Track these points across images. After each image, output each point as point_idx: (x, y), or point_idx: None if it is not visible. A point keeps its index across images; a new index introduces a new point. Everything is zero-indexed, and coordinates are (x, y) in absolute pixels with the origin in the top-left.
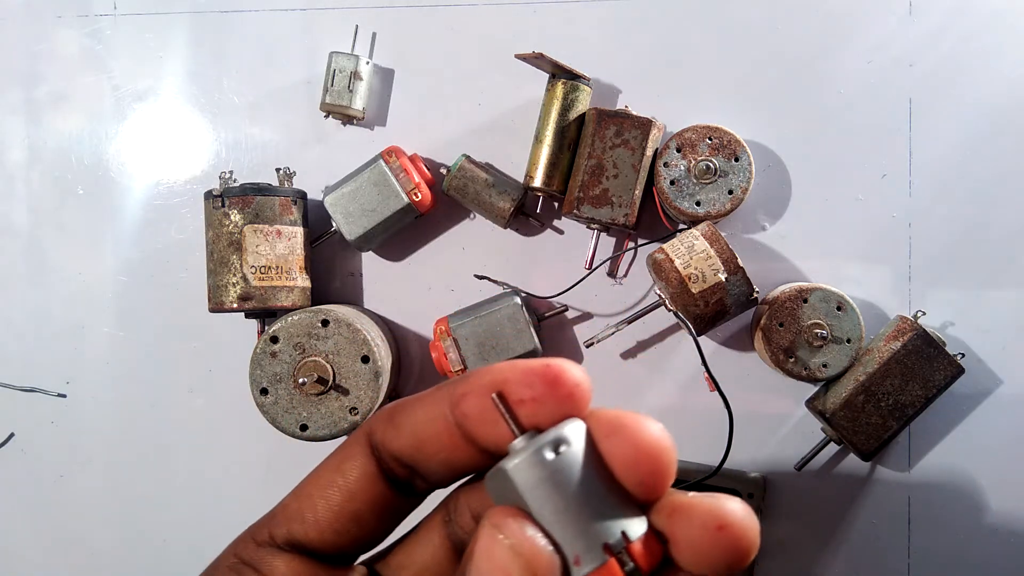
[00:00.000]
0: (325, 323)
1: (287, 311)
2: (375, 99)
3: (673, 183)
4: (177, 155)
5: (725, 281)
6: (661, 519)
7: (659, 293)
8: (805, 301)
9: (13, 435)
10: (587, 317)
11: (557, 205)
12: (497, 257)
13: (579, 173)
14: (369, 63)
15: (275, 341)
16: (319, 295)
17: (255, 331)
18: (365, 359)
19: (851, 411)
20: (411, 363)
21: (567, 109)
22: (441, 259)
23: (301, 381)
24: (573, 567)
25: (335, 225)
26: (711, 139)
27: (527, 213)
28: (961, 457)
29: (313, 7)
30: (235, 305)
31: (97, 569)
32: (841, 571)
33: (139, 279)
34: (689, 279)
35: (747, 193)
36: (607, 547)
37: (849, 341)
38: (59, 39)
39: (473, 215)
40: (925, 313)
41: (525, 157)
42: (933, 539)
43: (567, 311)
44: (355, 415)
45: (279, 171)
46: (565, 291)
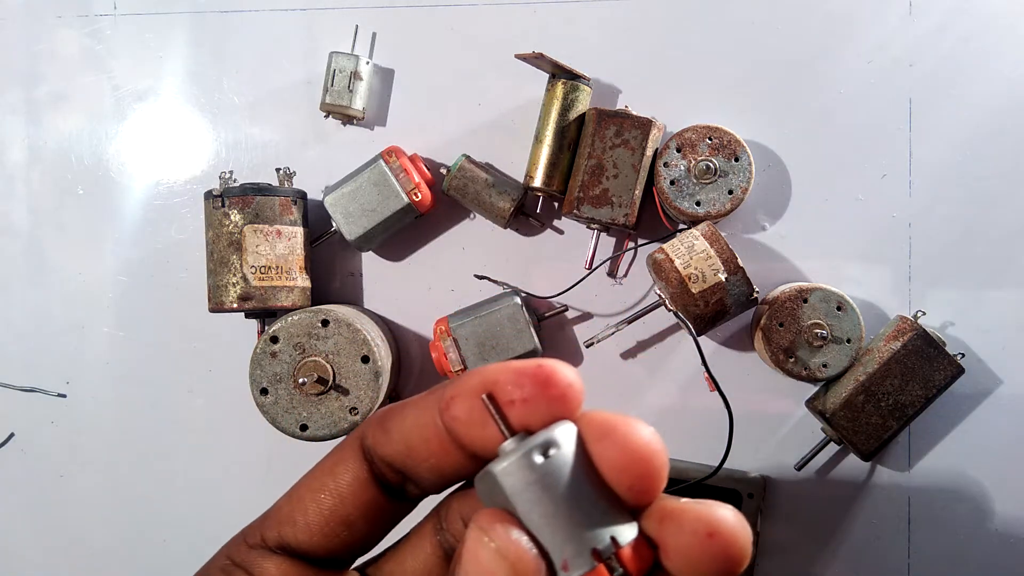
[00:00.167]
0: (325, 323)
1: (287, 311)
2: (375, 99)
3: (673, 183)
4: (177, 155)
5: (725, 281)
6: (652, 525)
7: (659, 293)
8: (805, 301)
9: (13, 435)
10: (587, 317)
11: (557, 205)
12: (497, 257)
13: (579, 173)
14: (369, 63)
15: (275, 341)
16: (319, 295)
17: (255, 331)
18: (365, 359)
19: (851, 411)
20: (411, 363)
21: (567, 109)
22: (441, 259)
23: (301, 381)
24: (561, 572)
25: (335, 225)
26: (711, 139)
27: (527, 213)
28: (961, 457)
29: (313, 7)
30: (235, 305)
31: (97, 569)
32: (841, 571)
33: (139, 279)
34: (689, 279)
35: (747, 193)
36: (596, 552)
37: (849, 341)
38: (59, 39)
39: (473, 215)
40: (925, 313)
41: (525, 157)
42: (933, 539)
43: (567, 311)
44: (355, 415)
45: (279, 171)
46: (565, 291)
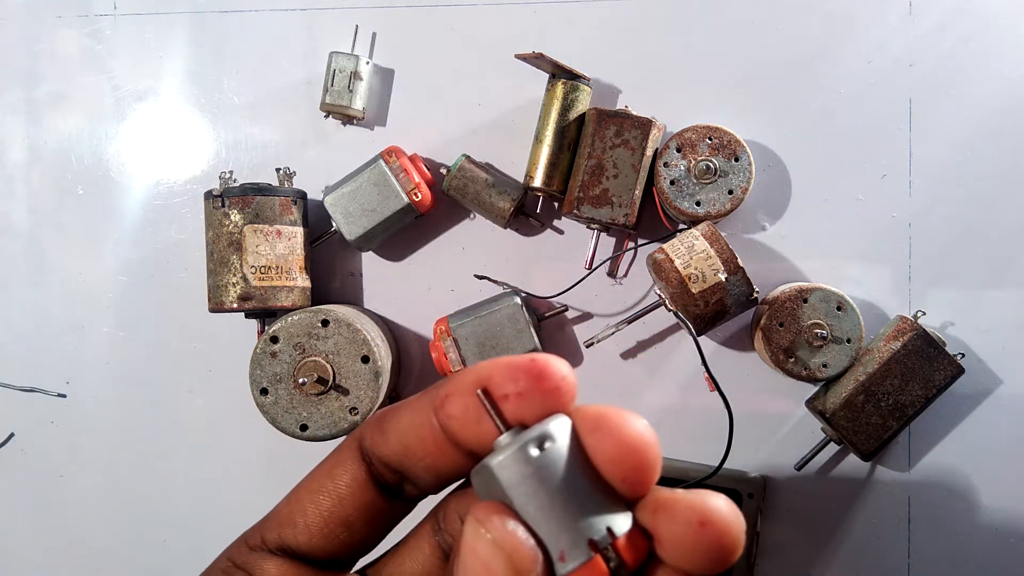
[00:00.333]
0: (325, 323)
1: (287, 311)
2: (375, 99)
3: (673, 183)
4: (177, 155)
5: (725, 281)
6: (646, 516)
7: (659, 293)
8: (805, 301)
9: (13, 435)
10: (587, 317)
11: (557, 205)
12: (497, 257)
13: (579, 173)
14: (369, 63)
15: (275, 341)
16: (319, 295)
17: (255, 331)
18: (365, 359)
19: (851, 411)
20: (411, 363)
21: (567, 109)
22: (441, 259)
23: (301, 381)
24: (558, 563)
25: (335, 225)
26: (711, 139)
27: (527, 213)
28: (961, 457)
29: (313, 7)
30: (235, 305)
31: (97, 569)
32: (841, 571)
33: (139, 279)
34: (689, 279)
35: (747, 193)
36: (592, 543)
37: (849, 341)
38: (59, 39)
39: (473, 215)
40: (925, 313)
41: (525, 157)
42: (933, 539)
43: (567, 311)
44: (355, 415)
45: (279, 171)
46: (565, 291)
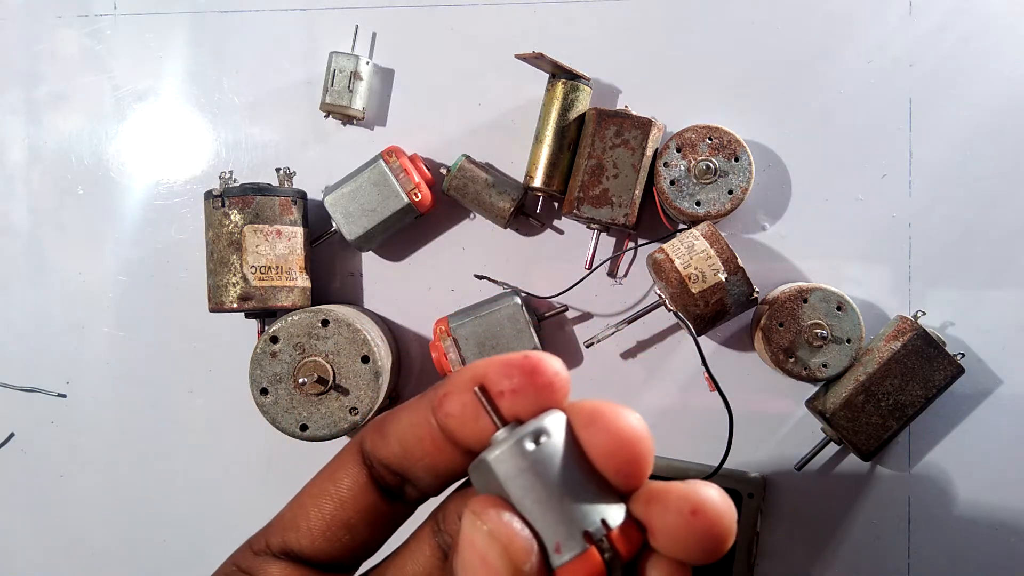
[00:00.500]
0: (325, 323)
1: (287, 311)
2: (375, 99)
3: (673, 183)
4: (177, 155)
5: (725, 281)
6: (639, 507)
7: (659, 293)
8: (805, 301)
9: (13, 435)
10: (587, 317)
11: (557, 205)
12: (497, 257)
13: (579, 173)
14: (369, 63)
15: (275, 341)
16: (319, 295)
17: (255, 331)
18: (365, 359)
19: (851, 411)
20: (411, 363)
21: (567, 109)
22: (441, 259)
23: (301, 381)
24: (554, 554)
25: (335, 225)
26: (711, 139)
27: (527, 213)
28: (961, 457)
29: (313, 7)
30: (235, 305)
31: (97, 569)
32: (841, 571)
33: (139, 279)
34: (689, 279)
35: (747, 193)
36: (587, 534)
37: (849, 341)
38: (59, 39)
39: (473, 215)
40: (925, 313)
41: (525, 157)
42: (933, 539)
43: (567, 311)
44: (355, 415)
45: (279, 171)
46: (565, 291)
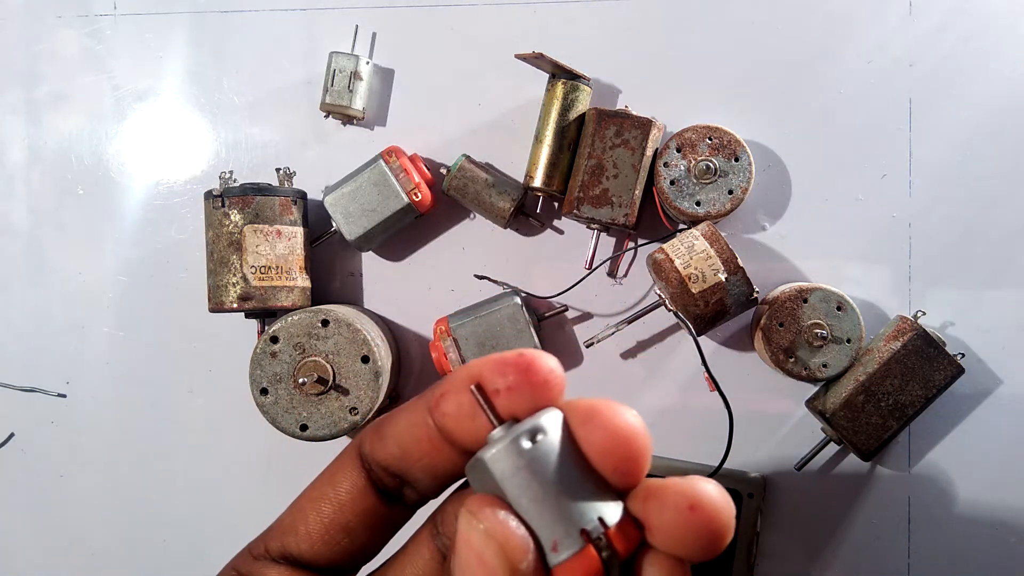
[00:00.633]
0: (325, 323)
1: (287, 311)
2: (375, 99)
3: (673, 183)
4: (177, 155)
5: (725, 281)
6: (637, 505)
7: (659, 293)
8: (805, 301)
9: (13, 435)
10: (587, 317)
11: (557, 205)
12: (497, 257)
13: (579, 173)
14: (369, 63)
15: (275, 341)
16: (319, 295)
17: (255, 331)
18: (365, 359)
19: (851, 411)
20: (411, 363)
21: (567, 109)
22: (441, 259)
23: (301, 381)
24: (551, 553)
25: (335, 225)
26: (711, 139)
27: (527, 213)
28: (961, 457)
29: (313, 7)
30: (235, 305)
31: (97, 569)
32: (841, 571)
33: (139, 279)
34: (689, 279)
35: (747, 193)
36: (584, 532)
37: (849, 341)
38: (59, 39)
39: (473, 215)
40: (925, 313)
41: (525, 157)
42: (933, 539)
43: (567, 311)
44: (355, 415)
45: (279, 171)
46: (565, 291)
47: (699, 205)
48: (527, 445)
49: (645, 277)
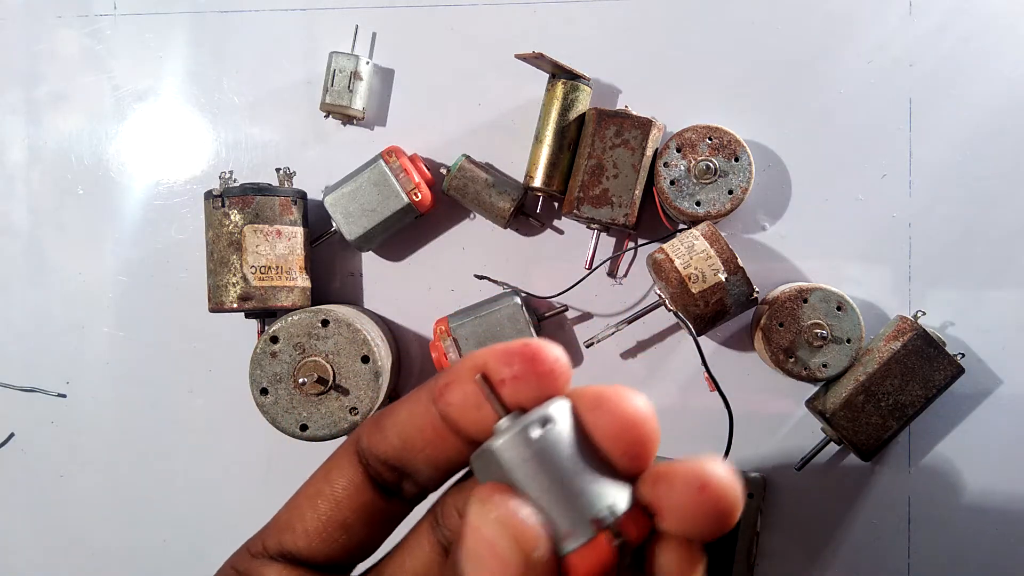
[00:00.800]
0: (325, 323)
1: (287, 311)
2: (375, 99)
3: (673, 183)
4: (177, 155)
5: (725, 281)
6: (647, 489)
7: (659, 293)
8: (805, 301)
9: (13, 435)
10: (587, 317)
11: (557, 205)
12: (497, 257)
13: (579, 173)
14: (369, 63)
15: (275, 341)
16: (319, 295)
17: (255, 331)
18: (365, 359)
19: (851, 411)
20: (411, 363)
21: (567, 109)
22: (441, 259)
23: (301, 381)
24: (562, 542)
25: (335, 225)
26: (711, 139)
27: (527, 213)
28: (961, 457)
29: (313, 7)
30: (235, 305)
31: (97, 569)
32: (841, 571)
33: (139, 279)
34: (689, 279)
35: (747, 193)
36: (596, 521)
37: (849, 341)
38: (59, 39)
39: (473, 215)
40: (925, 313)
41: (525, 157)
42: (933, 539)
43: (567, 311)
44: (355, 415)
45: (279, 171)
46: (565, 291)
47: (699, 205)
48: (536, 434)
49: (645, 277)
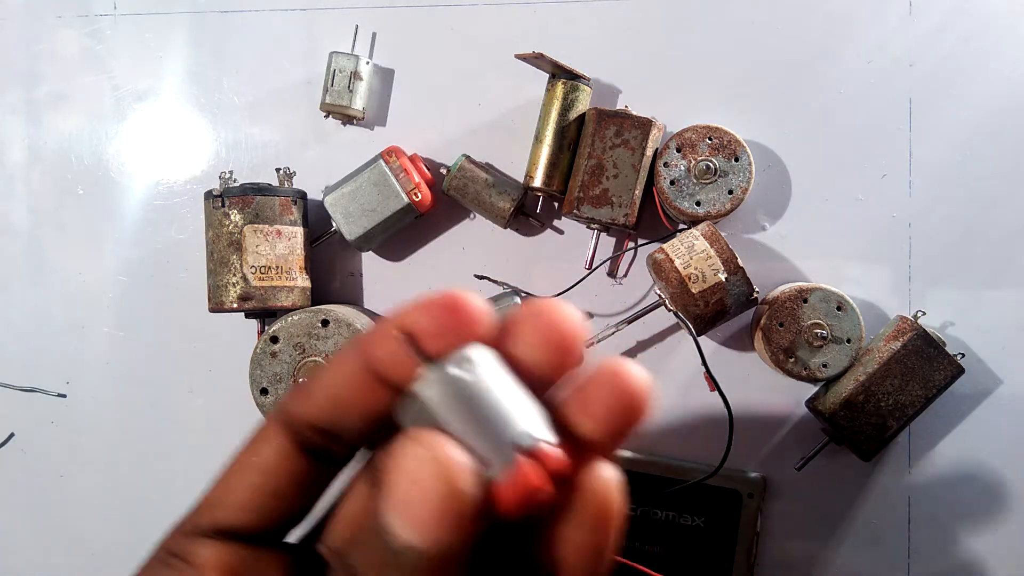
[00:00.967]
0: (325, 323)
1: (287, 311)
2: (375, 99)
3: (673, 183)
4: (177, 155)
5: (725, 281)
6: (572, 406)
7: (659, 293)
8: (805, 301)
9: (13, 435)
10: (587, 317)
11: (557, 205)
12: (497, 257)
13: (579, 173)
14: (369, 63)
15: (275, 341)
16: (319, 295)
17: (255, 331)
18: None
19: (851, 411)
20: None
21: (567, 109)
22: (441, 259)
23: (301, 381)
24: (488, 471)
25: (335, 225)
26: (711, 139)
27: (527, 213)
28: (961, 457)
29: (313, 7)
30: (235, 305)
31: (97, 569)
32: (841, 571)
33: (139, 279)
34: (689, 279)
35: (747, 193)
36: (517, 447)
37: (849, 341)
38: (59, 39)
39: (473, 215)
40: (925, 313)
41: (525, 157)
42: (933, 539)
43: None
44: None
45: (279, 171)
46: (565, 291)
47: (699, 205)
48: (453, 372)
49: (645, 277)
